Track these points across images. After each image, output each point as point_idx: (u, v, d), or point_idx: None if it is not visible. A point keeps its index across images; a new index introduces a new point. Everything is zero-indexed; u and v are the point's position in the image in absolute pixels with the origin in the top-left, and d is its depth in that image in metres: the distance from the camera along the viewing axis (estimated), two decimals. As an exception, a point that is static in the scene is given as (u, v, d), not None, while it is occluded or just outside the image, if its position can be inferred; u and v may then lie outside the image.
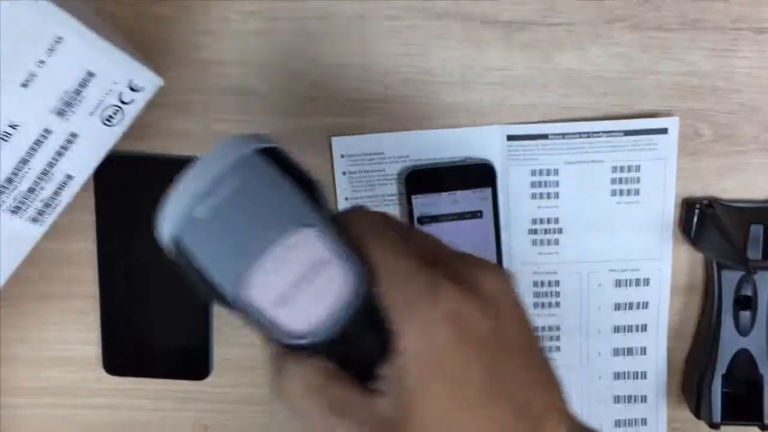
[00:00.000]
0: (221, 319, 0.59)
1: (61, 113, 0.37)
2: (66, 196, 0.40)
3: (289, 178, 0.30)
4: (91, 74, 0.37)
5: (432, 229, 0.55)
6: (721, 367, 0.55)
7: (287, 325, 0.29)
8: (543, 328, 0.58)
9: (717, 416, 0.55)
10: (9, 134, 0.36)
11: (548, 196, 0.56)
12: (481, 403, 0.30)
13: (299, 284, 0.29)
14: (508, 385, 0.30)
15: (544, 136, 0.54)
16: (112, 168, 0.55)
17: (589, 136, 0.54)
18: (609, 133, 0.54)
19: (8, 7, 0.33)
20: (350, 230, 0.31)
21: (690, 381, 0.58)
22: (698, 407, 0.56)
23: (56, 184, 0.39)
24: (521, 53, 0.53)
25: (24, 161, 0.37)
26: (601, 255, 0.57)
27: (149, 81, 0.39)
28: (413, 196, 0.55)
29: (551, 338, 0.58)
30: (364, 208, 0.34)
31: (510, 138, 0.54)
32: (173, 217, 0.30)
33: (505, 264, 0.56)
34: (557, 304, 0.58)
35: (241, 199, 0.29)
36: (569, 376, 0.59)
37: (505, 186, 0.55)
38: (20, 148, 0.37)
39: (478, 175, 0.55)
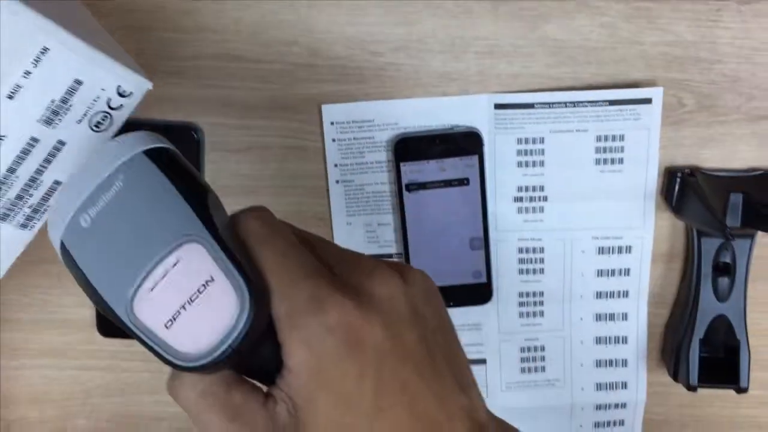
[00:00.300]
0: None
1: (48, 122, 0.37)
2: (53, 201, 0.40)
3: (176, 183, 0.28)
4: (78, 82, 0.36)
5: (420, 196, 0.56)
6: (699, 332, 0.57)
7: (178, 348, 0.28)
8: (527, 294, 0.60)
9: (694, 379, 0.57)
10: None
11: (534, 164, 0.57)
12: (374, 415, 0.28)
13: (186, 303, 0.28)
14: (405, 394, 0.29)
15: (531, 105, 0.55)
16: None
17: (574, 106, 0.55)
18: (594, 102, 0.55)
19: (6, 23, 0.33)
20: (241, 239, 0.30)
21: (669, 345, 0.59)
22: (676, 371, 0.58)
23: (44, 189, 0.39)
24: (509, 23, 0.54)
25: (11, 170, 0.37)
26: (584, 222, 0.58)
27: (138, 85, 0.38)
28: (402, 163, 0.56)
29: (535, 303, 0.60)
30: (260, 209, 0.32)
31: (497, 107, 0.55)
32: (58, 223, 0.29)
33: (492, 230, 0.58)
34: (541, 271, 0.59)
35: (125, 207, 0.28)
36: (552, 341, 0.60)
37: (491, 154, 0.56)
38: (7, 157, 0.36)
39: (466, 143, 0.56)
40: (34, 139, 0.36)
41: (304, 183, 0.58)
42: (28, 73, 0.34)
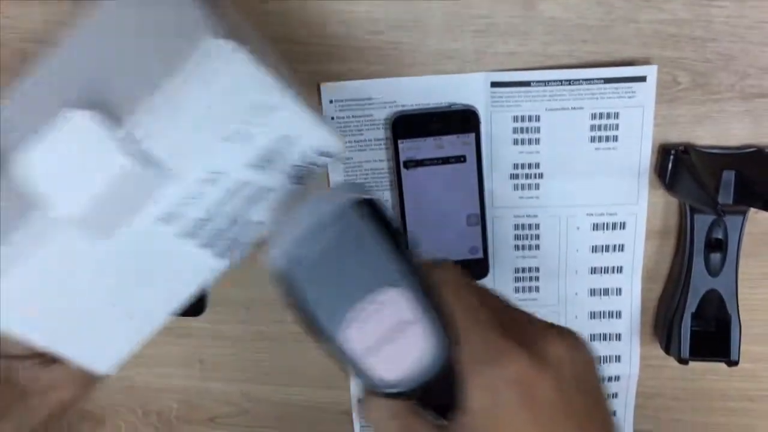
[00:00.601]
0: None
1: (258, 168, 0.40)
2: (251, 238, 0.43)
3: (384, 233, 0.33)
4: (289, 139, 0.40)
5: (417, 173, 0.57)
6: (692, 307, 0.58)
7: (376, 374, 0.33)
8: (523, 269, 0.61)
9: (686, 352, 0.58)
10: (213, 180, 0.39)
11: (530, 141, 0.57)
12: None
13: (387, 338, 0.32)
14: None
15: (527, 83, 0.56)
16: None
17: (570, 84, 0.56)
18: (589, 80, 0.55)
19: (225, 72, 0.36)
20: (434, 287, 0.33)
21: (662, 319, 0.60)
22: (669, 344, 0.59)
23: (247, 227, 0.42)
24: (505, 1, 0.54)
25: (221, 204, 0.41)
26: (579, 199, 0.59)
27: (337, 149, 0.42)
28: (399, 141, 0.57)
29: (531, 279, 0.61)
30: (446, 262, 0.36)
31: (493, 85, 0.56)
32: (279, 252, 0.33)
33: (488, 207, 0.59)
34: (537, 247, 0.60)
35: (340, 247, 0.33)
36: (548, 316, 0.61)
37: (488, 132, 0.57)
38: (220, 192, 0.40)
39: (463, 120, 0.57)
40: (245, 182, 0.40)
41: (304, 160, 0.59)
42: (246, 123, 0.38)
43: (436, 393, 0.33)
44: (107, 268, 0.40)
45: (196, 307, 0.62)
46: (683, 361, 0.58)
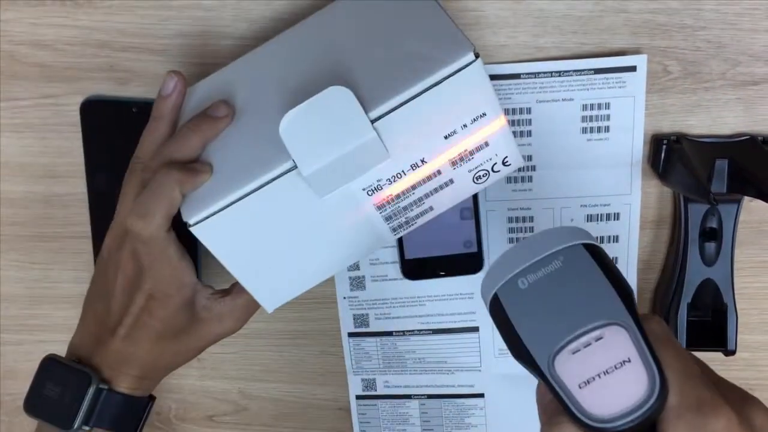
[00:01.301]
0: (210, 257, 0.61)
1: (453, 163, 0.46)
2: (423, 220, 0.49)
3: (607, 275, 0.34)
4: (486, 144, 0.46)
5: (409, 167, 0.57)
6: (687, 296, 0.58)
7: (585, 407, 0.33)
8: (518, 262, 0.61)
9: (682, 342, 0.58)
10: (418, 166, 0.46)
11: (521, 134, 0.57)
12: None
13: (602, 373, 0.33)
14: None
15: (517, 76, 0.56)
16: (99, 112, 0.57)
17: (560, 75, 0.55)
18: (579, 71, 0.55)
19: (468, 82, 0.43)
20: (649, 335, 0.34)
21: (658, 310, 0.60)
22: (665, 335, 0.59)
23: (422, 209, 0.48)
24: (493, -6, 0.54)
25: (414, 187, 0.47)
26: (572, 191, 0.58)
27: (517, 161, 0.48)
28: (390, 136, 0.57)
29: (526, 272, 0.61)
30: (657, 316, 0.37)
31: (483, 78, 0.56)
32: (498, 279, 0.35)
33: (481, 201, 0.58)
34: (531, 239, 0.60)
35: (560, 282, 0.34)
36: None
37: (479, 125, 0.57)
38: (418, 177, 0.46)
39: (453, 114, 0.56)
40: (438, 172, 0.46)
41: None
42: (464, 126, 0.44)
43: None
44: (309, 222, 0.47)
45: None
46: (680, 352, 0.58)
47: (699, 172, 0.53)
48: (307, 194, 0.45)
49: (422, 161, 0.45)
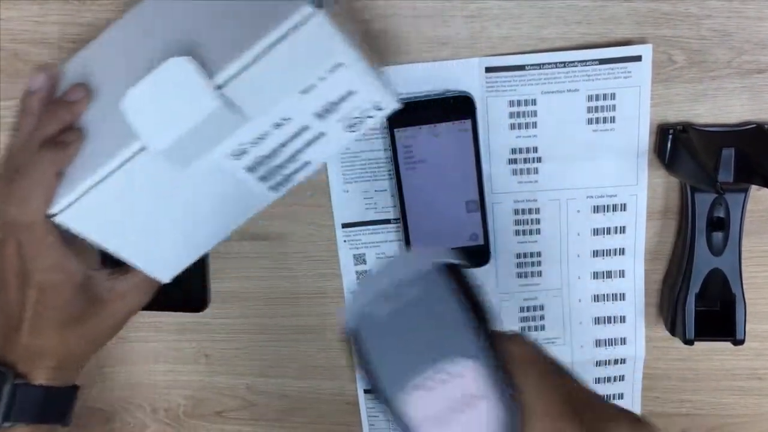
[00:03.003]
0: (216, 253, 0.61)
1: (320, 116, 0.46)
2: (302, 175, 0.50)
3: (461, 301, 0.32)
4: (352, 93, 0.45)
5: (415, 161, 0.57)
6: (695, 287, 0.57)
7: None
8: (525, 254, 0.61)
9: (691, 333, 0.58)
10: (281, 124, 0.45)
11: (526, 126, 0.57)
12: None
13: (453, 410, 0.31)
14: None
15: (521, 67, 0.56)
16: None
17: (564, 66, 0.55)
18: (584, 62, 0.55)
19: (314, 35, 0.42)
20: (507, 362, 0.33)
21: (666, 300, 0.60)
22: (673, 325, 0.59)
23: (298, 165, 0.49)
24: (497, -15, 0.54)
25: (283, 144, 0.47)
26: (579, 182, 0.58)
27: (391, 104, 0.47)
28: (395, 130, 0.57)
29: (533, 264, 0.61)
30: (519, 335, 0.35)
31: (488, 70, 0.56)
32: (354, 310, 0.33)
33: (487, 193, 0.58)
34: (538, 231, 0.60)
35: (415, 312, 0.32)
36: (551, 300, 0.61)
37: (484, 117, 0.57)
38: (285, 135, 0.46)
39: (458, 107, 0.56)
40: (306, 127, 0.46)
41: (301, 152, 0.59)
42: (322, 78, 0.44)
43: None
44: (180, 192, 0.47)
45: (198, 303, 0.62)
46: (689, 342, 0.58)
47: (705, 161, 0.53)
48: (169, 167, 0.45)
49: (284, 119, 0.45)
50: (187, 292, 0.62)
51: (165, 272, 0.51)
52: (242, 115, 0.44)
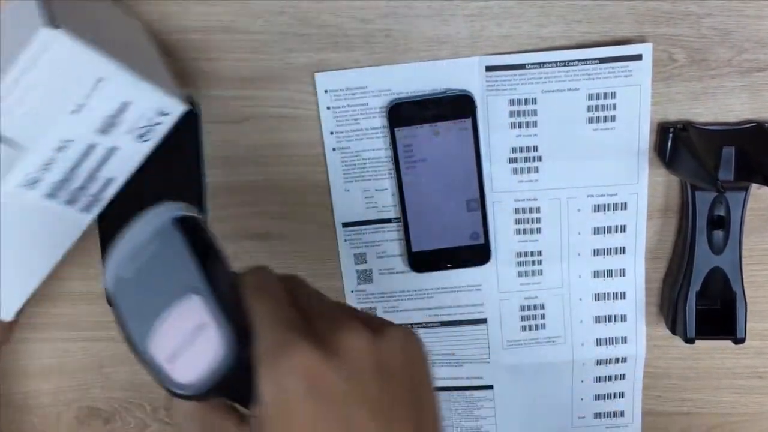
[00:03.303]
0: (216, 253, 0.61)
1: (103, 132, 0.46)
2: (109, 192, 0.50)
3: (192, 247, 0.34)
4: (127, 104, 0.46)
5: (415, 160, 0.57)
6: (696, 285, 0.58)
7: (177, 380, 0.34)
8: (525, 253, 0.61)
9: (692, 332, 0.58)
10: (64, 147, 0.45)
11: (527, 125, 0.57)
12: None
13: (185, 343, 0.33)
14: None
15: (522, 66, 0.56)
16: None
17: (565, 65, 0.55)
18: (584, 61, 0.55)
19: (61, 55, 0.42)
20: (235, 291, 0.35)
21: (666, 299, 0.60)
22: (674, 324, 0.59)
23: (101, 183, 0.49)
24: (497, -16, 0.54)
25: (75, 166, 0.47)
26: (579, 181, 0.58)
27: (175, 108, 0.48)
28: (396, 129, 0.57)
29: (534, 263, 0.61)
30: (261, 268, 0.37)
31: (488, 69, 0.56)
32: (108, 273, 0.35)
33: (487, 192, 0.58)
34: (538, 230, 0.60)
35: (154, 265, 0.35)
36: (551, 299, 0.61)
37: (484, 116, 0.57)
38: (72, 157, 0.46)
39: (458, 106, 0.56)
40: (92, 145, 0.46)
41: (301, 152, 0.59)
42: (88, 95, 0.44)
43: (241, 389, 0.34)
44: None
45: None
46: (689, 341, 0.58)
47: (706, 160, 0.53)
48: None
49: (65, 141, 0.45)
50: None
51: (4, 311, 0.51)
52: (18, 146, 0.44)
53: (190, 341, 0.33)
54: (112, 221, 0.60)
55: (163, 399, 0.67)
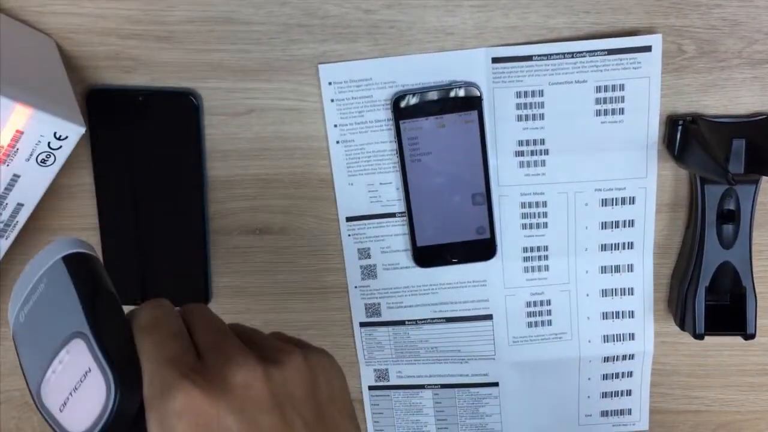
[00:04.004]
0: (217, 247, 0.61)
1: (4, 163, 0.47)
2: (22, 217, 0.51)
3: (77, 286, 0.33)
4: (20, 132, 0.46)
5: (420, 153, 0.56)
6: (705, 280, 0.57)
7: (68, 428, 0.32)
8: (531, 248, 0.60)
9: (701, 327, 0.57)
10: None
11: (534, 117, 0.56)
12: None
13: (72, 390, 0.32)
14: None
15: (529, 58, 0.55)
16: (105, 101, 0.56)
17: (573, 56, 0.54)
18: (592, 52, 0.54)
19: None
20: (134, 327, 0.33)
21: (675, 294, 0.59)
22: (683, 319, 0.58)
23: (11, 209, 0.50)
24: (504, -26, 0.53)
25: None
26: (587, 175, 0.58)
27: (72, 130, 0.48)
28: (401, 121, 0.56)
29: (540, 258, 0.60)
30: (154, 303, 0.35)
31: (495, 60, 0.55)
32: (9, 315, 0.34)
33: (493, 186, 0.57)
34: (545, 225, 0.59)
35: (43, 306, 0.33)
36: (558, 295, 0.61)
37: (491, 108, 0.56)
38: None
39: (464, 98, 0.55)
40: None
41: (305, 144, 0.58)
42: None
43: None
44: None
45: (200, 298, 0.61)
46: (699, 337, 0.57)
47: (716, 152, 0.52)
48: None
49: None
50: (188, 287, 0.61)
51: None
52: None
53: (78, 387, 0.32)
54: (113, 218, 0.59)
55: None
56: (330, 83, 0.56)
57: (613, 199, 0.58)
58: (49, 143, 0.48)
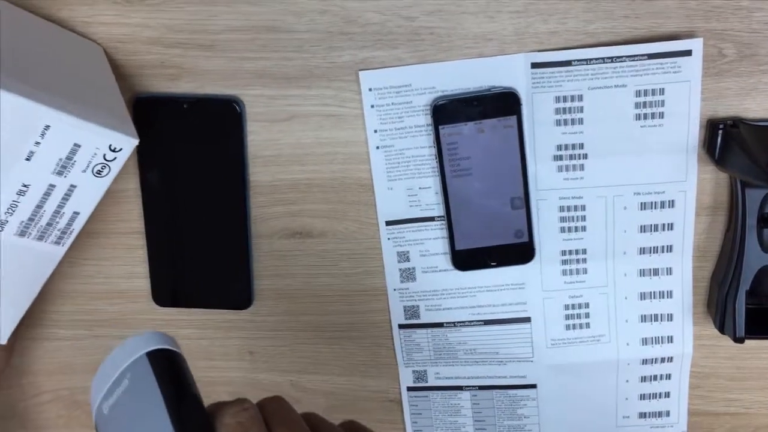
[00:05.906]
0: (259, 251, 0.62)
1: (60, 173, 0.48)
2: (78, 225, 0.52)
3: (162, 388, 0.33)
4: (77, 145, 0.48)
5: (459, 157, 0.57)
6: (745, 284, 0.57)
7: None
8: (570, 252, 0.60)
9: (741, 331, 0.57)
10: (24, 191, 0.48)
11: (573, 122, 0.56)
12: None
13: None
14: None
15: (568, 63, 0.55)
16: (151, 109, 0.58)
17: (612, 61, 0.55)
18: (632, 57, 0.54)
19: (5, 109, 0.44)
20: None
21: (715, 298, 0.59)
22: (723, 323, 0.58)
23: (68, 218, 0.51)
24: (543, -20, 0.53)
25: (39, 206, 0.49)
26: (626, 179, 0.58)
27: (126, 143, 0.50)
28: (440, 126, 0.56)
29: (578, 261, 0.60)
30: (242, 404, 0.35)
31: (534, 66, 0.55)
32: (92, 403, 0.35)
33: (532, 190, 0.58)
34: (583, 228, 0.59)
35: (127, 403, 0.33)
36: (596, 298, 0.61)
37: (530, 113, 0.56)
38: (34, 198, 0.49)
39: (504, 103, 0.56)
40: (51, 185, 0.49)
41: (345, 150, 0.59)
42: (37, 143, 0.46)
43: None
44: None
45: (243, 301, 0.63)
46: (739, 340, 0.57)
47: (757, 156, 0.52)
48: None
49: (24, 186, 0.48)
50: (231, 290, 0.62)
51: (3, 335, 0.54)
52: None
53: None
54: (158, 223, 0.61)
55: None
56: (370, 89, 0.57)
57: (652, 202, 0.58)
58: (104, 155, 0.49)
